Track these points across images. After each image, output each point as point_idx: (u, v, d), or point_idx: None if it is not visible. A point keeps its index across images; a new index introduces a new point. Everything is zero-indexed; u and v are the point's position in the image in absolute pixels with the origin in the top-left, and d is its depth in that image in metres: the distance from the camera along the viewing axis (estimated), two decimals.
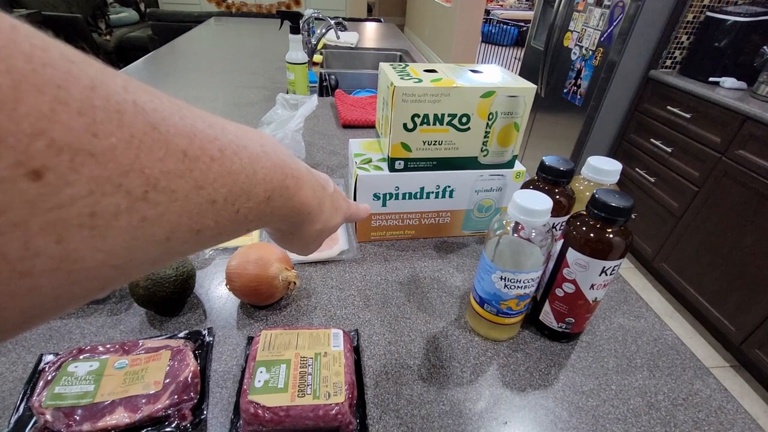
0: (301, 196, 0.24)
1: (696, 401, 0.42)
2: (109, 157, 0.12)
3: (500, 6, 6.18)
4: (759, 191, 1.33)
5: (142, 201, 0.13)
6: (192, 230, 0.16)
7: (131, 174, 0.12)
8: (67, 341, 0.43)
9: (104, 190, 0.12)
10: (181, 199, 0.15)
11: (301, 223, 0.27)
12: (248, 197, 0.19)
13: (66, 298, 0.13)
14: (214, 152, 0.16)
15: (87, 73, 0.12)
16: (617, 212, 0.38)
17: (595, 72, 1.82)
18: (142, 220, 0.13)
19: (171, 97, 0.16)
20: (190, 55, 1.59)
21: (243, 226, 0.20)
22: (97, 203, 0.12)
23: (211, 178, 0.16)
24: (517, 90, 0.52)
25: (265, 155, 0.20)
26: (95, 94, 0.12)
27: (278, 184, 0.21)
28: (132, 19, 3.48)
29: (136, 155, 0.13)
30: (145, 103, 0.14)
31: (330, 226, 0.31)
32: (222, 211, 0.17)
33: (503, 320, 0.45)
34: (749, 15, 1.47)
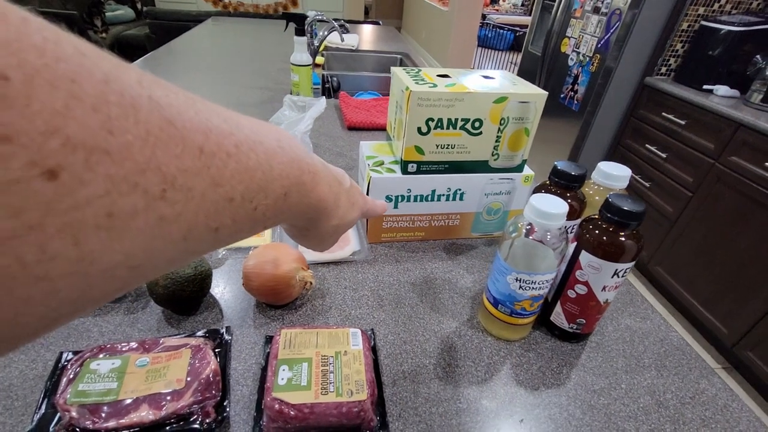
0: (318, 192, 0.24)
1: (702, 400, 0.43)
2: (126, 155, 0.11)
3: (496, 11, 6.24)
4: (751, 197, 1.36)
5: (159, 200, 0.13)
6: (209, 229, 0.16)
7: (148, 172, 0.12)
8: (85, 339, 0.44)
9: (121, 189, 0.11)
10: (198, 198, 0.14)
11: (317, 218, 0.26)
12: (266, 194, 0.18)
13: (84, 301, 0.12)
14: (230, 148, 0.16)
15: (101, 67, 0.11)
16: (630, 216, 0.39)
17: (592, 78, 1.85)
18: (159, 220, 0.13)
19: (186, 90, 0.15)
20: (190, 55, 1.58)
21: (260, 224, 0.19)
22: (114, 203, 0.11)
23: (228, 175, 0.16)
24: (529, 96, 0.53)
25: (281, 150, 0.20)
26: (109, 89, 0.11)
27: (295, 180, 0.21)
28: (128, 17, 3.46)
29: (152, 152, 0.12)
30: (161, 98, 0.13)
31: (346, 221, 0.31)
32: (239, 209, 0.17)
33: (517, 320, 0.46)
34: (742, 25, 1.50)
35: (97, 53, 0.12)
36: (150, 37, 2.80)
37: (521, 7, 6.42)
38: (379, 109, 1.12)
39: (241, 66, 1.48)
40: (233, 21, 2.39)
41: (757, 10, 1.68)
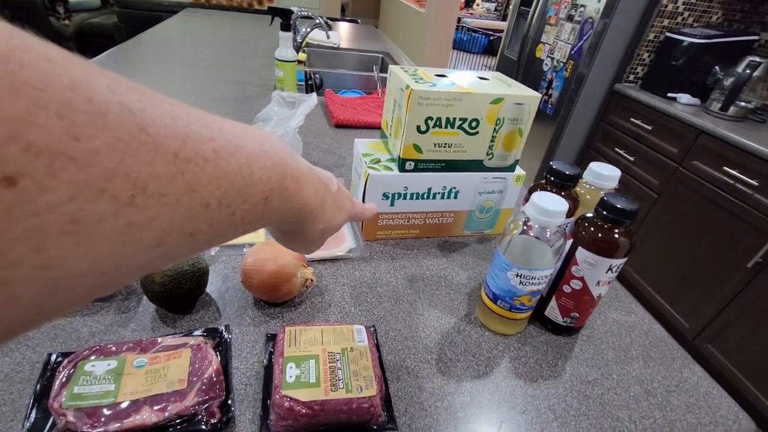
0: (302, 197, 0.24)
1: (686, 387, 0.46)
2: (92, 161, 0.11)
3: (470, 14, 6.35)
4: (711, 199, 1.45)
5: (128, 206, 0.13)
6: (184, 234, 0.15)
7: (116, 178, 0.12)
8: (74, 340, 0.41)
9: (87, 195, 0.11)
10: (172, 203, 0.14)
11: (302, 222, 0.26)
12: (244, 199, 0.18)
13: (50, 307, 0.12)
14: (207, 154, 0.16)
15: (69, 73, 0.11)
16: (625, 214, 0.41)
17: (565, 83, 1.92)
18: (129, 226, 0.13)
19: (165, 96, 0.15)
20: (163, 47, 1.53)
21: (239, 228, 0.19)
22: (79, 209, 0.11)
23: (204, 181, 0.15)
24: (524, 98, 0.55)
25: (264, 155, 0.19)
26: (77, 96, 0.11)
27: (277, 185, 0.21)
28: (93, 4, 3.28)
29: (121, 159, 0.12)
30: (132, 104, 0.13)
31: (333, 225, 0.30)
32: (216, 214, 0.17)
33: (515, 315, 0.47)
34: (703, 37, 1.60)
35: (67, 59, 0.12)
36: (119, 26, 2.68)
37: (494, 12, 6.58)
38: (366, 107, 1.11)
39: (222, 61, 1.43)
40: (208, 13, 2.32)
41: (717, 23, 1.79)
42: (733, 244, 1.39)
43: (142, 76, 1.18)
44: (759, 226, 1.30)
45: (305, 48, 1.70)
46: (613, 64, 1.84)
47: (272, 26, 1.30)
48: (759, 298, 1.31)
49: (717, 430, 0.42)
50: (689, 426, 0.42)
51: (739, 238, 1.37)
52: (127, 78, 0.14)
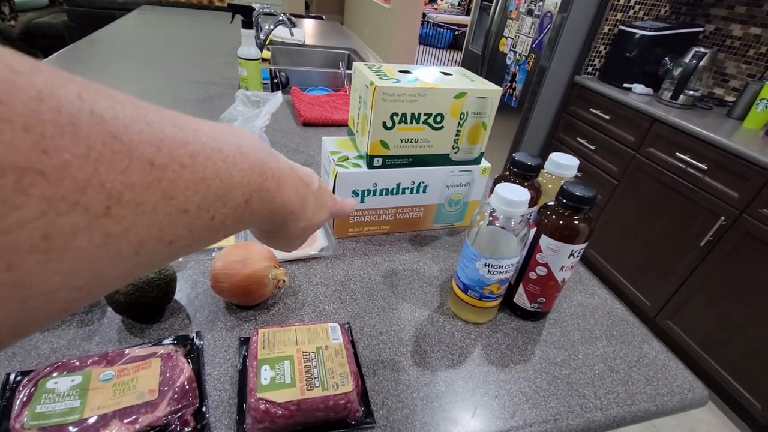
0: (283, 197, 0.23)
1: (646, 362, 0.49)
2: (63, 174, 0.11)
3: (435, 9, 6.40)
4: (666, 183, 1.53)
5: (104, 217, 0.12)
6: (163, 242, 0.15)
7: (89, 190, 0.11)
8: (34, 358, 0.40)
9: (58, 209, 0.11)
10: (149, 212, 0.14)
11: (284, 222, 0.26)
12: (224, 202, 0.18)
13: (24, 325, 0.12)
14: (184, 159, 0.15)
15: (34, 83, 0.11)
16: (583, 201, 0.44)
17: (528, 76, 1.97)
18: (105, 237, 0.12)
19: (137, 100, 0.15)
20: (118, 47, 1.46)
21: (220, 232, 0.19)
22: (50, 224, 0.11)
23: (182, 187, 0.15)
24: (486, 92, 0.56)
25: (242, 156, 0.19)
26: (44, 107, 0.11)
27: (257, 187, 0.20)
28: (41, 3, 3.09)
29: (94, 169, 0.12)
30: (104, 111, 0.12)
31: (314, 223, 0.30)
32: (195, 219, 0.16)
33: (485, 304, 0.49)
34: (653, 30, 1.68)
35: (32, 68, 0.11)
36: (69, 25, 2.54)
37: (458, 7, 6.66)
38: (333, 105, 1.11)
39: (181, 60, 1.39)
40: (164, 11, 2.23)
41: (665, 16, 1.89)
42: (686, 225, 1.47)
43: (97, 78, 1.12)
44: (709, 207, 1.39)
45: (269, 45, 1.67)
46: (572, 56, 1.90)
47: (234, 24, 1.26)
48: (711, 275, 1.39)
49: (674, 399, 0.45)
50: (649, 397, 0.45)
51: (692, 219, 1.46)
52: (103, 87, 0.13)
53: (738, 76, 1.75)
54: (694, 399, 0.46)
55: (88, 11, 2.44)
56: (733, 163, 1.32)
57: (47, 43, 2.90)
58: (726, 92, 1.80)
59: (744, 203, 1.29)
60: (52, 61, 1.23)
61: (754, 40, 1.67)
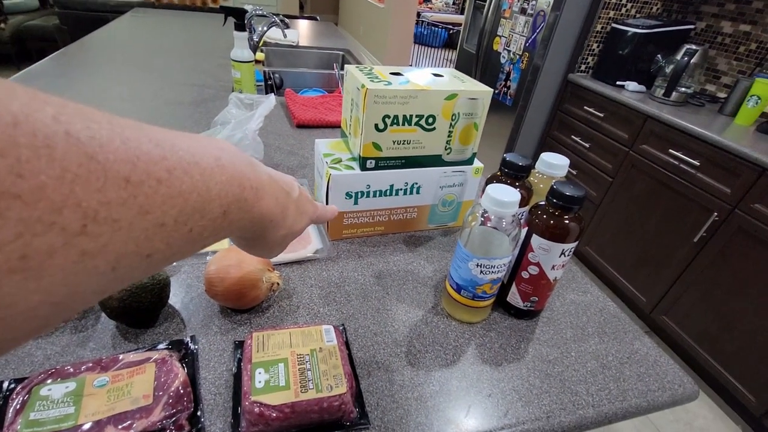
0: (261, 207, 0.24)
1: (637, 358, 0.50)
2: (39, 197, 0.11)
3: (429, 8, 6.41)
4: (659, 180, 1.54)
5: (80, 236, 0.12)
6: (140, 256, 0.15)
7: (65, 210, 0.12)
8: (28, 365, 0.40)
9: (35, 230, 0.11)
10: (125, 228, 0.14)
11: (263, 230, 0.26)
12: (202, 215, 0.18)
13: (5, 342, 0.12)
14: (160, 174, 0.15)
15: (9, 108, 0.11)
16: (573, 201, 0.44)
17: (522, 75, 1.98)
18: (81, 255, 0.13)
19: (116, 117, 0.15)
20: (111, 50, 1.45)
21: (198, 243, 0.19)
22: (27, 245, 0.11)
23: (158, 202, 0.15)
24: (477, 93, 0.57)
25: (220, 169, 0.19)
26: (19, 131, 0.11)
27: (235, 198, 0.20)
28: (30, 6, 3.07)
29: (70, 190, 0.12)
30: (80, 132, 0.13)
31: (294, 230, 0.31)
32: (173, 233, 0.16)
33: (478, 303, 0.49)
34: (645, 27, 1.69)
35: (9, 93, 0.11)
36: (60, 28, 2.52)
37: (453, 6, 6.66)
38: (327, 106, 1.11)
39: (175, 63, 1.38)
40: (157, 13, 2.22)
41: (657, 14, 1.90)
42: (680, 221, 1.49)
43: (90, 81, 1.12)
44: (702, 203, 1.40)
45: (263, 47, 1.66)
46: (566, 54, 1.91)
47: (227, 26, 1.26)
48: (705, 270, 1.41)
49: (665, 394, 0.46)
50: (640, 393, 0.45)
51: (685, 215, 1.47)
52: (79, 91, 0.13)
53: (729, 72, 1.76)
54: (684, 394, 0.46)
55: (79, 14, 2.43)
56: (725, 159, 1.33)
57: (39, 46, 2.88)
58: (718, 89, 1.81)
59: (736, 199, 1.30)
60: (45, 64, 1.22)
61: (744, 37, 1.69)
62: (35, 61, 1.27)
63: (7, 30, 2.78)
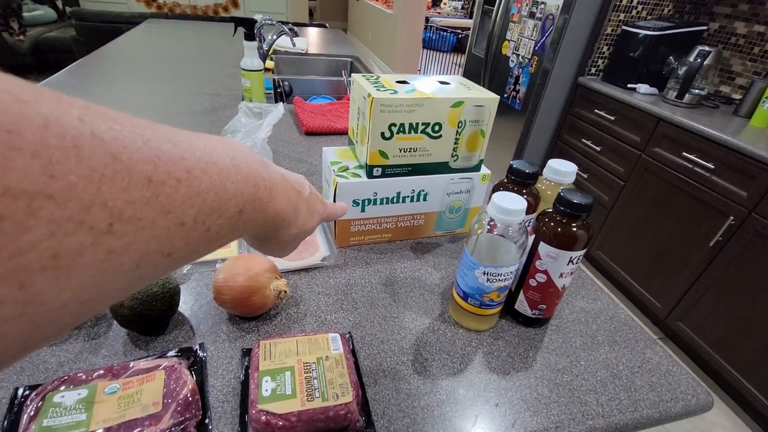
0: (275, 206, 0.24)
1: (649, 367, 0.49)
2: (69, 196, 0.11)
3: (438, 13, 6.42)
4: (672, 183, 1.52)
5: (107, 234, 0.13)
6: (162, 254, 0.16)
7: (93, 209, 0.12)
8: (42, 372, 0.41)
9: (66, 229, 0.11)
10: (148, 227, 0.14)
11: (276, 229, 0.27)
12: (219, 214, 0.18)
13: (34, 340, 0.13)
14: (180, 174, 0.16)
15: (39, 111, 0.11)
16: (580, 208, 0.44)
17: (531, 78, 1.97)
18: (108, 253, 0.13)
19: (135, 118, 0.15)
20: (126, 61, 1.49)
21: (215, 243, 0.20)
22: (59, 244, 0.11)
23: (178, 201, 0.16)
24: (483, 100, 0.57)
25: (235, 169, 0.20)
26: (49, 133, 0.11)
27: (250, 197, 0.21)
28: (49, 18, 3.17)
29: (97, 189, 0.12)
30: (104, 133, 0.13)
31: (306, 229, 0.31)
32: (192, 232, 0.17)
33: (485, 311, 0.49)
34: (657, 29, 1.67)
35: (37, 96, 0.12)
36: (77, 40, 2.59)
37: (461, 10, 6.67)
38: (335, 113, 1.12)
39: (187, 72, 1.41)
40: (170, 23, 2.27)
41: (669, 15, 1.87)
42: (695, 225, 1.46)
43: (105, 91, 1.15)
44: (717, 206, 1.37)
45: (272, 55, 1.69)
46: (576, 58, 1.90)
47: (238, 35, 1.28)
48: (721, 275, 1.37)
49: (677, 405, 0.45)
50: (652, 404, 0.44)
51: (700, 219, 1.44)
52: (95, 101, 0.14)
53: (744, 73, 1.73)
54: (698, 405, 0.45)
55: (95, 25, 2.50)
56: (740, 162, 1.30)
57: (56, 57, 2.97)
58: (732, 90, 1.78)
59: (753, 202, 1.27)
60: (61, 76, 1.26)
61: (758, 38, 1.66)
62: (54, 71, 1.31)
63: (27, 42, 2.86)
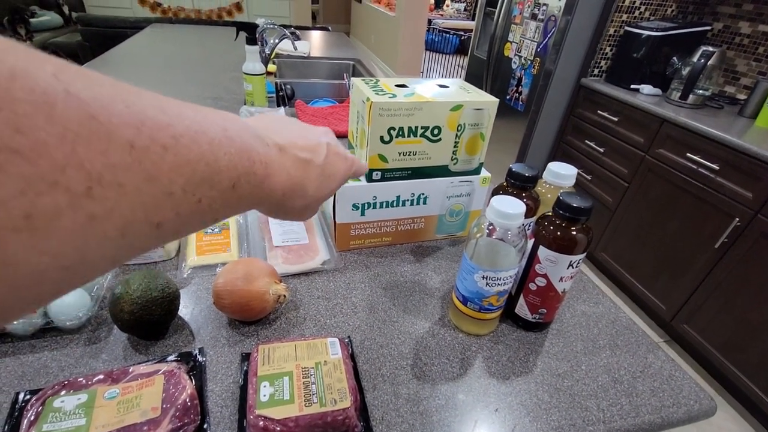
0: (272, 182, 0.23)
1: (651, 372, 0.48)
2: (39, 153, 0.11)
3: (441, 15, 6.43)
4: (677, 184, 1.51)
5: (85, 198, 0.12)
6: (150, 224, 0.15)
7: (68, 169, 0.12)
8: (43, 376, 0.41)
9: (38, 189, 0.11)
10: (131, 193, 0.14)
11: (281, 203, 0.26)
12: (210, 186, 0.18)
13: (14, 305, 0.12)
14: (166, 140, 0.15)
15: (6, 61, 0.11)
16: (579, 212, 0.43)
17: (534, 80, 1.97)
18: (90, 219, 0.13)
19: (118, 81, 0.15)
20: (131, 65, 1.50)
21: (209, 216, 0.19)
22: (32, 204, 0.11)
23: (165, 169, 0.15)
24: (482, 103, 0.57)
25: (228, 140, 0.19)
26: (16, 85, 0.11)
27: (244, 171, 0.20)
28: (55, 23, 3.20)
29: (72, 149, 0.12)
30: (81, 91, 0.12)
31: (320, 196, 0.30)
32: (182, 202, 0.16)
33: (485, 316, 0.49)
34: (660, 30, 1.66)
35: (7, 48, 0.11)
36: (83, 45, 2.62)
37: (464, 12, 6.67)
38: (336, 116, 1.12)
39: (190, 76, 1.42)
40: (174, 28, 2.29)
41: (672, 16, 1.86)
42: (700, 226, 1.44)
43: None
44: (723, 208, 1.36)
45: (275, 59, 1.70)
46: (578, 59, 1.89)
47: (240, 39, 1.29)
48: (727, 277, 1.36)
49: (680, 410, 0.44)
50: (654, 409, 0.44)
51: (705, 220, 1.42)
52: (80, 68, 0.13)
53: (749, 73, 1.71)
54: (701, 410, 0.45)
55: (100, 30, 2.52)
56: (745, 163, 1.29)
57: None
58: (737, 90, 1.76)
59: (758, 203, 1.26)
60: None
61: (763, 38, 1.64)
62: None
63: (33, 47, 2.89)
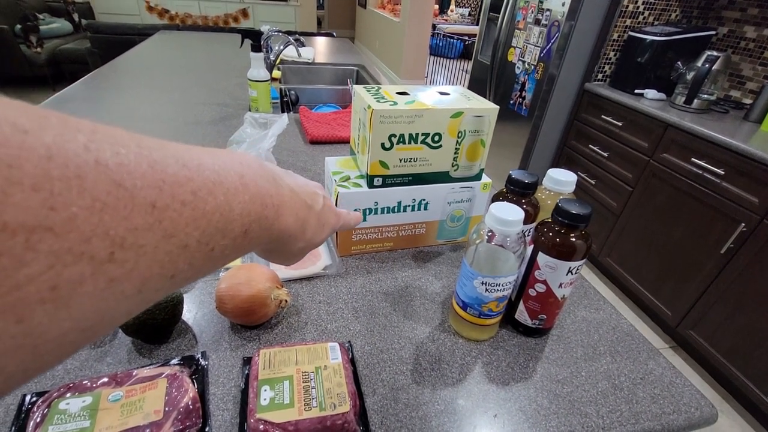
0: (281, 224, 0.24)
1: (651, 379, 0.48)
2: (69, 228, 0.11)
3: (445, 20, 6.46)
4: (681, 189, 1.50)
5: (108, 263, 0.12)
6: (165, 277, 0.15)
7: (94, 239, 0.12)
8: (49, 379, 0.42)
9: (65, 261, 0.11)
10: (150, 252, 0.14)
11: (282, 244, 0.27)
12: (223, 234, 0.18)
13: (35, 368, 0.12)
14: (185, 197, 0.16)
15: (43, 141, 0.11)
16: (578, 219, 0.44)
17: (537, 85, 1.97)
18: (109, 282, 0.13)
19: (144, 139, 0.15)
20: (138, 72, 1.53)
21: (219, 262, 0.19)
22: (58, 276, 0.11)
23: (182, 225, 0.15)
24: (483, 110, 0.57)
25: (243, 188, 0.19)
26: (52, 165, 0.11)
27: (256, 216, 0.21)
28: (65, 30, 3.26)
29: (99, 219, 0.12)
30: (109, 160, 0.13)
31: (314, 242, 0.31)
32: (196, 253, 0.17)
33: (485, 321, 0.49)
34: (664, 35, 1.66)
35: (40, 123, 0.11)
36: (92, 51, 2.66)
37: (468, 17, 6.70)
38: (340, 122, 1.13)
39: (196, 82, 1.44)
40: (182, 34, 2.32)
41: (676, 21, 1.86)
42: (706, 231, 1.43)
43: (117, 103, 1.18)
44: (728, 213, 1.35)
45: (280, 65, 1.72)
46: (582, 64, 1.89)
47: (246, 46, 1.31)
48: (733, 283, 1.35)
49: (680, 417, 0.44)
50: (654, 416, 0.44)
51: (711, 225, 1.42)
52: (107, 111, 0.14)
53: (754, 78, 1.70)
54: (702, 417, 0.45)
55: (109, 37, 2.56)
56: (751, 168, 1.28)
57: (72, 69, 3.05)
58: (743, 95, 1.76)
59: (765, 209, 1.25)
60: (76, 87, 1.29)
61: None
62: (70, 82, 1.34)
63: (44, 54, 2.95)
